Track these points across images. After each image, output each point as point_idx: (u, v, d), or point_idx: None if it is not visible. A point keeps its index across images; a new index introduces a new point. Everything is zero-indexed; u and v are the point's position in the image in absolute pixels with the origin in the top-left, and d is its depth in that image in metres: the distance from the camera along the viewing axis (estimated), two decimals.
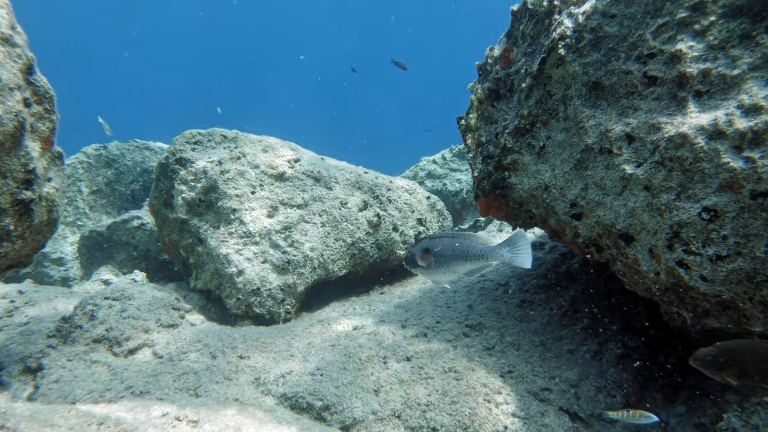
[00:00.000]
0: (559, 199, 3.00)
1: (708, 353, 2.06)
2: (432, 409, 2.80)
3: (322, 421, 2.81)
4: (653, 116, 2.53)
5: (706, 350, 2.08)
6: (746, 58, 2.31)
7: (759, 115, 2.22)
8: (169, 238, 4.90)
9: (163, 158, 4.94)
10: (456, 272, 2.57)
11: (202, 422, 2.35)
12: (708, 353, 2.06)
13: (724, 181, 2.27)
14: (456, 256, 2.50)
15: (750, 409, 2.44)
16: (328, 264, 4.60)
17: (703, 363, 2.08)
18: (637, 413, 2.53)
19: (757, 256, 2.22)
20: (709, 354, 2.06)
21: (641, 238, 2.60)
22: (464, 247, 2.50)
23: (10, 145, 2.60)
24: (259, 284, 4.33)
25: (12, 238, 2.74)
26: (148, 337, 3.50)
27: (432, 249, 2.51)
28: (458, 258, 2.51)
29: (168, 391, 3.00)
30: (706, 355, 2.06)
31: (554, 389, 2.96)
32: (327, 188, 4.93)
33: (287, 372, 3.17)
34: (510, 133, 3.25)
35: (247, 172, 4.80)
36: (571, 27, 2.82)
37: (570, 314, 3.58)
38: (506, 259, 2.47)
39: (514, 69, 3.34)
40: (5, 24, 2.63)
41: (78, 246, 6.84)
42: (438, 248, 2.50)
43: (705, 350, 2.08)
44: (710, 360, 2.06)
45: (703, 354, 2.07)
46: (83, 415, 2.20)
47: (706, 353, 2.07)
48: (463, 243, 2.52)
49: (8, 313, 3.86)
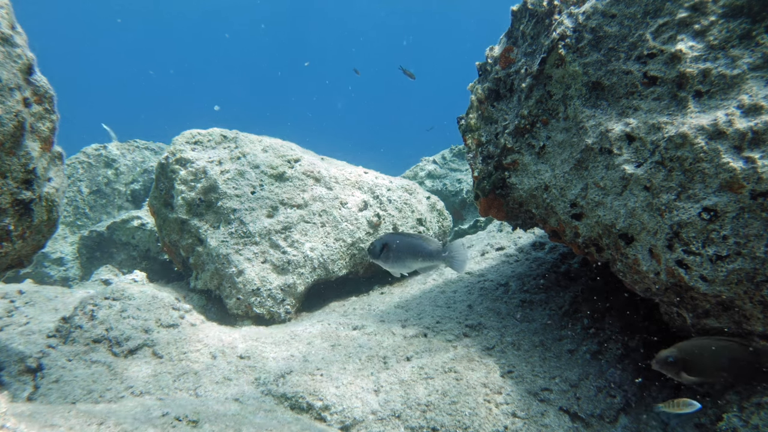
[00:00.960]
0: (559, 199, 3.00)
1: (668, 355, 2.10)
2: (432, 409, 2.80)
3: (322, 421, 2.81)
4: (653, 116, 2.53)
5: (666, 352, 2.11)
6: (746, 58, 2.31)
7: (759, 115, 2.22)
8: (169, 238, 4.90)
9: (163, 158, 4.94)
10: (408, 267, 2.89)
11: (202, 422, 2.35)
12: (668, 355, 2.10)
13: (724, 181, 2.27)
14: (409, 253, 2.83)
15: (750, 409, 2.44)
16: (328, 264, 4.60)
17: (664, 365, 2.10)
18: (680, 402, 2.50)
19: (757, 256, 2.22)
20: (670, 356, 2.09)
21: (641, 238, 2.60)
22: (417, 247, 2.83)
23: (10, 145, 2.60)
24: (259, 284, 4.33)
25: (12, 238, 2.74)
26: (148, 337, 3.50)
27: (390, 244, 2.81)
28: (411, 255, 2.84)
29: (168, 391, 3.00)
30: (667, 357, 2.10)
31: (554, 389, 2.96)
32: (327, 188, 4.93)
33: (287, 372, 3.17)
34: (510, 133, 3.25)
35: (247, 172, 4.80)
36: (571, 27, 2.82)
37: (570, 314, 3.58)
38: (447, 263, 2.80)
39: (514, 69, 3.34)
40: (5, 24, 2.63)
41: (78, 246, 6.84)
42: (395, 244, 2.80)
43: (665, 352, 2.11)
44: (671, 362, 2.09)
45: (664, 356, 2.11)
46: (83, 415, 2.20)
47: (667, 355, 2.10)
48: (417, 243, 2.84)
49: (8, 313, 3.86)
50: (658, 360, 2.12)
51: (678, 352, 2.09)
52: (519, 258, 4.57)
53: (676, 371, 2.10)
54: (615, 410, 2.88)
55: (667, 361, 2.09)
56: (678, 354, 2.09)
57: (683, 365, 2.08)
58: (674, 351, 2.09)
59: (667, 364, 2.09)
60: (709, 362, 2.06)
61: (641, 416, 2.87)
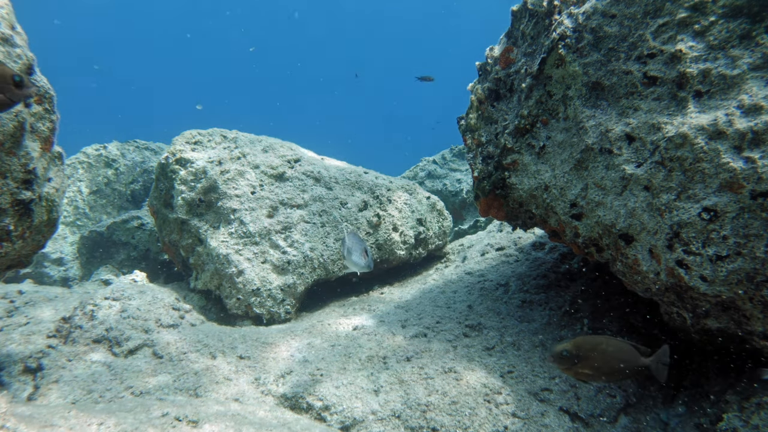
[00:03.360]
0: (559, 199, 3.00)
1: (563, 350, 2.10)
2: (432, 409, 2.80)
3: (322, 421, 2.81)
4: (653, 116, 2.53)
5: (561, 346, 2.11)
6: (746, 58, 2.31)
7: (759, 115, 2.22)
8: (169, 238, 4.90)
9: (163, 158, 4.94)
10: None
11: (202, 422, 2.35)
12: (563, 350, 2.10)
13: (724, 181, 2.27)
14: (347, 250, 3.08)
15: (750, 409, 2.43)
16: (328, 264, 4.60)
17: (559, 359, 2.11)
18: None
19: (757, 256, 2.22)
20: (564, 350, 2.10)
21: (641, 238, 2.60)
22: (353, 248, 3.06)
23: (10, 145, 2.60)
24: (259, 284, 4.33)
25: (12, 238, 2.74)
26: (148, 337, 3.50)
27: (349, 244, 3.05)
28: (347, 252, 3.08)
29: (168, 391, 3.00)
30: (561, 351, 2.10)
31: (554, 389, 2.96)
32: (327, 188, 4.93)
33: (287, 372, 3.17)
34: (510, 133, 3.25)
35: (247, 172, 4.80)
36: (571, 27, 2.82)
37: (570, 314, 3.58)
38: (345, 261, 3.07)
39: (514, 69, 3.34)
40: (5, 24, 2.63)
41: (78, 246, 6.84)
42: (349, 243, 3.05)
43: (560, 346, 2.11)
44: (565, 356, 2.09)
45: (558, 350, 2.11)
46: (83, 415, 2.20)
47: (561, 350, 2.10)
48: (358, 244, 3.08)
49: (8, 313, 3.86)
50: (552, 354, 2.13)
51: (572, 347, 2.10)
52: (519, 258, 4.57)
53: (569, 366, 2.11)
54: (615, 410, 2.88)
55: (561, 355, 2.10)
56: (571, 349, 2.09)
57: (576, 360, 2.09)
58: (568, 346, 2.11)
59: (561, 358, 2.10)
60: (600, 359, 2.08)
61: (641, 416, 2.88)
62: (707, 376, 2.94)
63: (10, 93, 2.09)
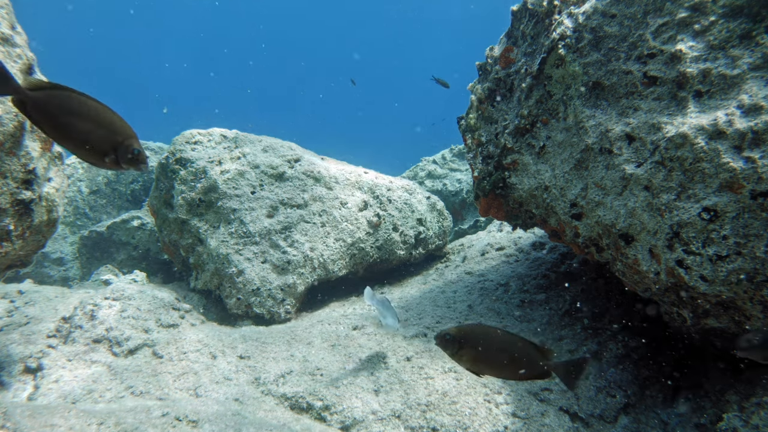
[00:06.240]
0: (559, 199, 3.00)
1: (447, 333, 2.04)
2: (432, 409, 2.80)
3: (322, 421, 2.81)
4: (653, 116, 2.53)
5: (446, 330, 2.06)
6: (746, 58, 2.31)
7: (759, 115, 2.22)
8: (169, 238, 4.90)
9: (163, 158, 4.94)
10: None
11: (202, 422, 2.35)
12: (447, 333, 2.04)
13: (724, 181, 2.27)
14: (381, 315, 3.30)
15: (750, 409, 2.44)
16: (328, 264, 4.60)
17: (443, 342, 2.05)
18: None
19: (757, 256, 2.22)
20: (448, 334, 2.04)
21: (641, 238, 2.60)
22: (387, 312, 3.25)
23: (10, 145, 2.59)
24: (259, 284, 4.33)
25: (12, 238, 2.74)
26: (148, 337, 3.50)
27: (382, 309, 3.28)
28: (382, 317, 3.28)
29: (168, 391, 3.00)
30: (446, 334, 2.04)
31: (554, 389, 2.96)
32: (327, 188, 4.93)
33: (287, 372, 3.17)
34: (510, 133, 3.25)
35: (247, 172, 4.79)
36: (571, 27, 2.82)
37: (570, 314, 3.58)
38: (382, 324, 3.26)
39: (514, 69, 3.34)
40: (5, 24, 2.63)
41: (78, 246, 6.84)
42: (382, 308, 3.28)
43: (446, 330, 2.06)
44: (449, 340, 2.03)
45: (443, 333, 2.05)
46: (83, 415, 2.20)
47: (446, 332, 2.04)
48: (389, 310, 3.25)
49: (8, 313, 3.86)
50: (438, 335, 2.08)
51: (457, 332, 2.05)
52: (519, 258, 4.57)
53: (452, 351, 2.05)
54: (615, 410, 2.88)
55: (445, 338, 2.05)
56: (456, 334, 2.04)
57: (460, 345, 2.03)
58: (453, 331, 2.06)
59: (444, 341, 2.06)
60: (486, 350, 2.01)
61: (641, 416, 2.88)
62: (707, 376, 2.94)
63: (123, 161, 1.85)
